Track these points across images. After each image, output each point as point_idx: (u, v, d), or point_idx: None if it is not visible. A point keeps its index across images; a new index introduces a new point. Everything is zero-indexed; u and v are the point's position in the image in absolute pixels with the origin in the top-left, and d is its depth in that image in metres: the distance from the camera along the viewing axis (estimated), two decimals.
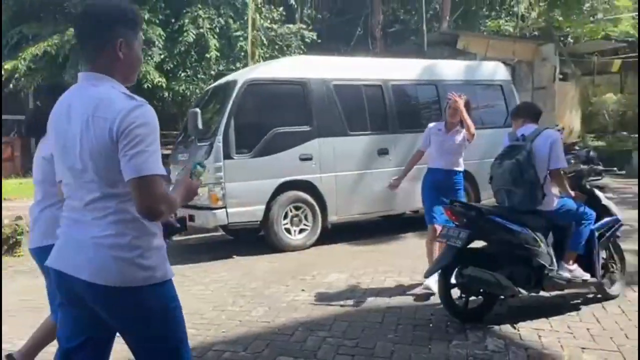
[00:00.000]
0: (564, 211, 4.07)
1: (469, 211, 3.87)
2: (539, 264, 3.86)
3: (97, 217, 1.81)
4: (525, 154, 3.91)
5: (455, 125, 4.96)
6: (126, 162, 1.72)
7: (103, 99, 1.77)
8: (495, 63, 9.11)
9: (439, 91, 8.03)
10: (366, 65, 7.92)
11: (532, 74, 20.19)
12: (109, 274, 1.78)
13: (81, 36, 1.90)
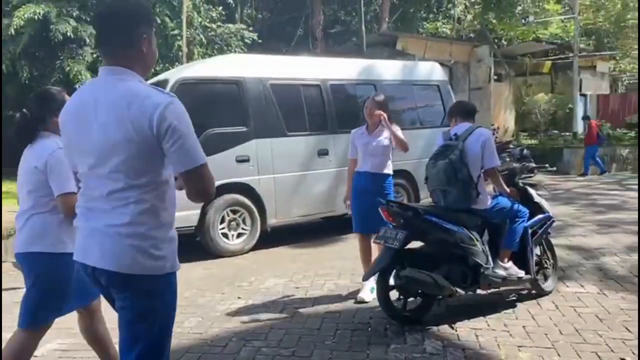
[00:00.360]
0: (498, 209, 4.09)
1: (405, 212, 3.80)
2: (475, 262, 3.85)
3: (117, 206, 1.86)
4: (457, 154, 3.89)
5: (376, 126, 4.69)
6: (182, 155, 1.82)
7: (137, 94, 1.82)
8: (431, 63, 9.19)
9: (378, 91, 8.00)
10: (304, 64, 7.79)
11: (469, 74, 20.73)
12: (121, 261, 1.85)
13: (105, 32, 1.94)
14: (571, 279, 4.99)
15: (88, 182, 1.94)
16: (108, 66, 1.93)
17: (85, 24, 16.14)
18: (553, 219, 4.48)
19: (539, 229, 4.29)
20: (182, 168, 1.85)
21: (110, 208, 1.87)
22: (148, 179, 1.87)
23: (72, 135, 1.97)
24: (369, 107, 4.68)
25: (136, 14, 1.94)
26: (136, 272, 1.86)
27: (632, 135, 17.97)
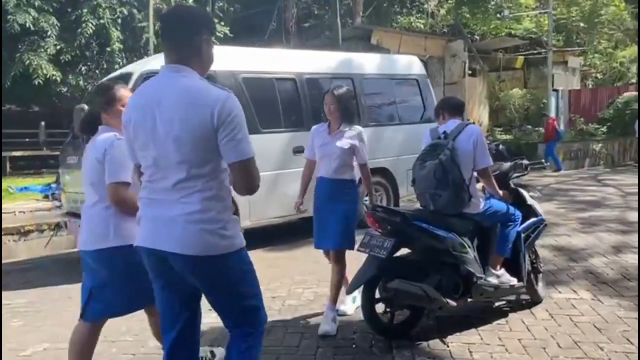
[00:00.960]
0: (491, 213, 3.79)
1: (393, 217, 3.47)
2: (468, 271, 3.55)
3: (184, 195, 2.01)
4: (448, 153, 3.57)
5: (337, 126, 4.02)
6: (234, 146, 1.98)
7: (200, 89, 2.00)
8: (410, 57, 8.92)
9: (356, 85, 7.68)
10: (279, 57, 7.39)
11: (443, 69, 20.58)
12: (197, 245, 2.01)
13: (170, 32, 2.11)
14: (562, 283, 4.75)
15: (153, 174, 2.08)
16: (170, 64, 2.09)
17: (48, 14, 15.45)
18: (545, 222, 4.21)
19: (531, 233, 4.02)
20: (234, 158, 2.00)
21: (177, 198, 2.02)
22: (210, 168, 2.03)
23: (137, 129, 2.08)
24: (329, 103, 4.01)
25: (199, 20, 2.13)
26: (211, 253, 2.03)
27: (604, 130, 18.09)
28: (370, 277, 3.44)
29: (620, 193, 10.23)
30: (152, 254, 2.10)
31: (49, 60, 15.13)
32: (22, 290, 5.40)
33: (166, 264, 2.08)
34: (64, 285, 5.51)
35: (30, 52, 15.00)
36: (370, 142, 7.70)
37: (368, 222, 3.57)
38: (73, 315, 4.42)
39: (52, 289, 5.37)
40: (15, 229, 7.72)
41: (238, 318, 2.19)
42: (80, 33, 15.85)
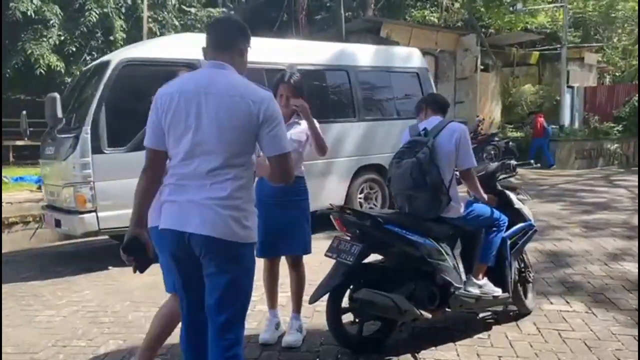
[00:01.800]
0: (473, 217, 3.46)
1: (362, 220, 3.15)
2: (445, 280, 3.23)
3: (215, 182, 2.14)
4: (427, 152, 3.26)
5: (290, 116, 3.58)
6: (276, 141, 2.17)
7: (248, 87, 2.20)
8: (410, 49, 8.57)
9: (351, 77, 7.39)
10: (269, 47, 7.06)
11: (455, 64, 20.10)
12: (220, 228, 2.13)
13: (221, 35, 2.33)
14: (555, 293, 4.40)
15: (185, 159, 2.18)
16: (214, 61, 2.27)
17: (51, 3, 15.27)
18: (535, 227, 3.86)
19: (519, 240, 3.68)
20: (275, 152, 2.20)
21: (208, 184, 2.15)
22: (243, 159, 2.20)
23: (177, 114, 2.19)
24: (284, 93, 3.52)
25: (243, 31, 2.36)
26: (232, 239, 2.15)
27: (620, 129, 17.51)
28: (336, 285, 3.12)
29: (631, 195, 9.78)
30: (176, 237, 2.18)
31: (52, 50, 14.94)
32: None
33: (187, 249, 2.18)
34: (34, 281, 5.30)
35: (32, 41, 14.82)
36: (365, 138, 7.60)
37: (336, 225, 3.26)
38: (30, 316, 4.23)
39: (20, 285, 5.14)
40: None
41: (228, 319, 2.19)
42: (83, 22, 15.65)
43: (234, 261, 2.19)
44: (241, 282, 2.22)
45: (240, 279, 2.21)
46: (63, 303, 4.57)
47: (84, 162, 5.37)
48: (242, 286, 2.23)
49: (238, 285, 2.20)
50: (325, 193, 7.05)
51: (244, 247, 2.20)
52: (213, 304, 2.19)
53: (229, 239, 2.14)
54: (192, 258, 2.20)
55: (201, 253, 2.17)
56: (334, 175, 7.13)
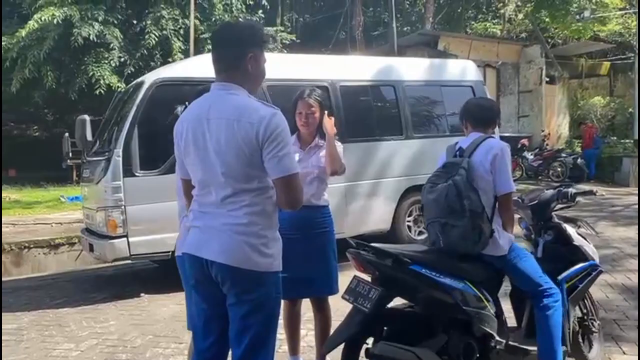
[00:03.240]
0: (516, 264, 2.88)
1: (382, 259, 2.69)
2: (484, 332, 2.73)
3: (232, 209, 2.08)
4: (463, 173, 2.75)
5: (312, 139, 3.30)
6: (276, 163, 2.03)
7: (247, 106, 2.07)
8: (465, 61, 8.05)
9: (398, 93, 6.95)
10: (310, 63, 6.78)
11: (518, 76, 19.23)
12: (237, 256, 2.05)
13: (219, 51, 2.18)
14: (630, 340, 3.75)
15: (202, 189, 2.14)
16: (220, 82, 2.16)
17: (113, 26, 15.74)
18: (600, 268, 3.26)
19: (579, 283, 3.10)
20: (278, 174, 2.04)
21: (226, 211, 2.08)
22: (257, 184, 2.07)
23: (187, 144, 2.15)
24: (305, 111, 3.26)
25: (246, 38, 2.13)
26: (249, 267, 2.05)
27: None
28: (352, 335, 2.69)
29: None
30: (196, 262, 2.13)
31: (112, 72, 15.36)
32: (19, 312, 5.07)
33: (206, 274, 2.11)
34: (64, 308, 5.15)
35: (94, 63, 15.30)
36: (414, 156, 7.11)
37: (353, 265, 2.82)
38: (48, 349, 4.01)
39: (48, 313, 5.00)
40: (45, 241, 7.58)
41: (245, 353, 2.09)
42: (143, 45, 16.03)
43: (253, 291, 2.08)
44: (262, 314, 2.09)
45: (261, 311, 2.09)
46: (85, 335, 4.36)
47: (116, 186, 5.20)
48: (264, 319, 2.10)
49: (258, 317, 2.08)
50: (371, 216, 6.63)
51: (264, 276, 2.09)
52: (233, 336, 2.12)
53: (246, 267, 2.05)
54: (213, 284, 2.12)
55: (221, 281, 2.10)
56: (380, 197, 6.68)
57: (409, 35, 19.68)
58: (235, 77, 2.12)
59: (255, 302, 2.08)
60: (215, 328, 2.18)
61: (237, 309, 2.10)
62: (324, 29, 26.01)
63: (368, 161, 6.66)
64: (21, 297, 5.61)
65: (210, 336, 2.19)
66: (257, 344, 2.10)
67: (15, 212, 9.89)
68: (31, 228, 8.32)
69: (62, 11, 14.51)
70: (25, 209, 10.23)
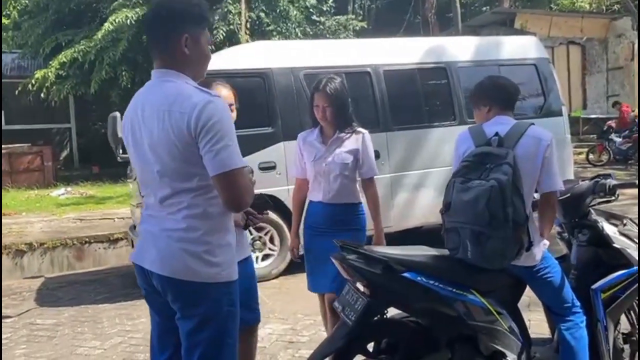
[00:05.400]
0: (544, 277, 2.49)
1: (370, 266, 2.32)
2: (495, 350, 2.33)
3: (171, 212, 1.86)
4: (508, 171, 2.26)
5: (334, 130, 3.09)
6: (212, 158, 1.77)
7: (179, 94, 1.82)
8: (528, 37, 7.36)
9: (450, 75, 6.45)
10: (350, 48, 6.43)
11: (606, 52, 17.78)
12: (175, 266, 1.84)
13: (150, 34, 1.98)
14: None
15: (146, 188, 1.96)
16: (156, 68, 1.94)
17: None
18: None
19: (619, 293, 2.60)
20: (214, 171, 1.80)
21: (165, 215, 1.88)
22: (197, 182, 1.84)
23: (128, 143, 1.97)
24: (321, 104, 3.06)
25: (179, 17, 1.89)
26: (190, 279, 1.84)
27: None
28: (334, 351, 2.36)
29: None
30: (140, 271, 1.95)
31: None
32: (62, 307, 5.20)
33: (151, 284, 1.93)
34: (104, 304, 5.21)
35: None
36: None
37: (341, 272, 2.51)
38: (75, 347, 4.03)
39: (87, 309, 5.08)
40: (105, 236, 7.79)
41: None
42: (212, 41, 16.30)
43: (198, 305, 1.86)
44: (211, 331, 1.86)
45: (208, 327, 1.86)
46: (113, 332, 4.36)
47: None
48: (213, 336, 1.86)
49: (205, 334, 1.85)
50: (419, 209, 6.21)
51: (210, 288, 1.86)
52: (183, 354, 1.91)
53: (186, 278, 1.83)
54: (160, 296, 1.93)
55: (163, 293, 1.91)
56: (430, 188, 6.24)
57: (483, 14, 18.68)
58: (172, 62, 1.89)
59: (201, 317, 1.86)
60: (171, 342, 1.98)
61: (183, 324, 1.90)
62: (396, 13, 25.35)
63: (416, 150, 6.24)
64: (70, 292, 5.76)
65: (165, 351, 2.00)
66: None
67: (88, 207, 10.31)
68: (95, 223, 8.60)
69: (135, 12, 15.02)
70: (98, 204, 10.64)
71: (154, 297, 1.97)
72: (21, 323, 4.77)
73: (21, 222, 8.74)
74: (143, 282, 1.98)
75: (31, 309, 5.17)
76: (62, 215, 9.26)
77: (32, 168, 14.60)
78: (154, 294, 1.96)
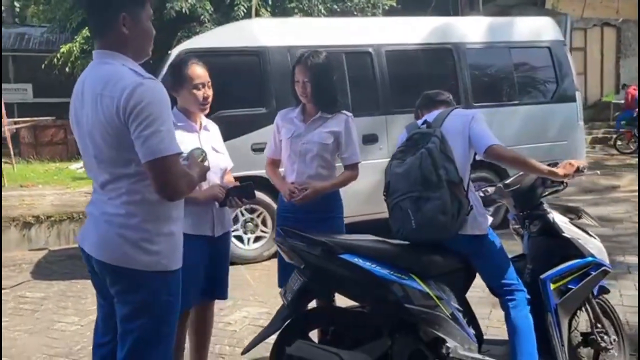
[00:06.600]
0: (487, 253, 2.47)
1: (310, 248, 2.25)
2: (434, 335, 2.24)
3: (111, 197, 1.84)
4: (436, 142, 2.36)
5: (317, 109, 2.95)
6: (141, 144, 1.72)
7: (111, 77, 1.77)
8: (542, 18, 7.02)
9: (457, 56, 6.22)
10: (350, 27, 6.25)
11: None
12: (114, 252, 1.83)
13: (87, 16, 1.93)
14: None
15: (89, 173, 1.93)
16: (97, 49, 1.88)
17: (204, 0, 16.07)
18: (605, 266, 2.59)
19: (572, 284, 2.50)
20: (145, 157, 1.74)
21: (107, 199, 1.85)
22: (135, 168, 1.79)
23: (74, 124, 1.93)
24: (298, 76, 2.93)
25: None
26: (127, 266, 1.82)
27: None
28: (274, 332, 2.30)
29: None
30: (83, 253, 1.95)
31: None
32: (54, 281, 5.27)
33: (92, 267, 1.94)
34: None
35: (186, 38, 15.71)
36: None
37: (282, 254, 2.44)
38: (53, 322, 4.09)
39: (77, 283, 5.13)
40: None
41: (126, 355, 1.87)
42: (233, 16, 16.20)
43: (135, 292, 1.85)
44: (146, 319, 1.84)
45: (144, 315, 1.84)
46: (94, 308, 4.31)
47: None
48: (148, 324, 1.85)
49: (140, 321, 1.84)
50: None
51: (147, 276, 1.84)
52: (118, 337, 1.91)
53: (122, 265, 1.82)
54: (101, 279, 1.94)
55: (101, 277, 1.92)
56: None
57: None
58: (111, 43, 1.84)
59: (137, 304, 1.85)
60: (113, 326, 1.97)
61: (119, 309, 1.89)
62: None
63: None
64: (66, 266, 5.83)
65: (107, 334, 2.02)
66: (137, 352, 1.87)
67: None
68: None
69: None
70: None
71: (96, 279, 1.98)
72: (12, 295, 4.86)
73: (35, 195, 8.91)
74: (87, 264, 1.98)
75: (24, 282, 5.27)
76: (76, 188, 9.39)
77: (55, 141, 14.83)
78: (96, 277, 1.97)
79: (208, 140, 2.79)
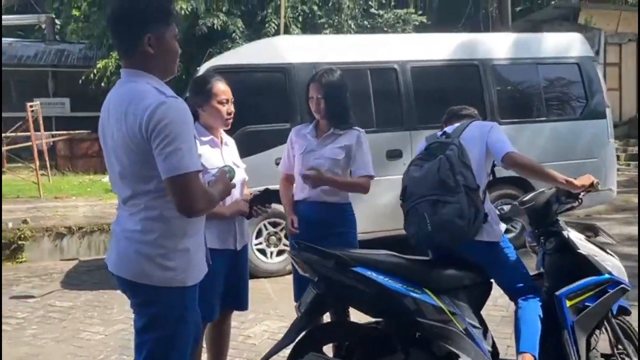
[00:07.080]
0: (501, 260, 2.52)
1: (323, 260, 2.28)
2: (449, 352, 2.23)
3: (132, 212, 1.88)
4: (454, 149, 2.46)
5: (330, 126, 3.03)
6: (162, 161, 1.76)
7: (135, 95, 1.81)
8: (570, 34, 6.94)
9: (484, 73, 6.20)
10: (375, 43, 6.29)
11: None
12: (132, 268, 1.87)
13: (113, 34, 1.95)
14: None
15: (113, 187, 2.00)
16: (123, 67, 1.93)
17: (235, 17, 16.40)
18: (624, 284, 2.54)
19: (589, 302, 2.47)
20: (165, 174, 1.78)
21: (127, 215, 1.90)
22: (155, 185, 1.83)
23: (102, 140, 1.98)
24: (312, 92, 3.02)
25: (139, 16, 1.85)
26: (144, 282, 1.86)
27: None
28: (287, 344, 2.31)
29: None
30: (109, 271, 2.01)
31: None
32: (83, 291, 5.41)
33: None
34: None
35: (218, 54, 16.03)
36: None
37: (297, 268, 2.47)
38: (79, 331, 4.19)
39: (104, 293, 5.25)
40: None
41: None
42: (264, 33, 16.47)
43: (151, 305, 1.90)
44: (158, 333, 1.88)
45: (156, 329, 1.88)
46: (119, 319, 4.51)
47: None
48: (160, 339, 1.89)
49: (153, 335, 1.89)
50: None
51: (162, 292, 1.87)
52: (134, 349, 1.98)
53: (139, 280, 1.87)
54: None
55: (122, 291, 2.01)
56: None
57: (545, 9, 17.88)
58: (138, 63, 1.88)
59: (151, 317, 1.90)
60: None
61: (136, 320, 1.96)
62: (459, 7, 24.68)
63: None
64: (95, 276, 5.96)
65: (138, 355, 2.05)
66: None
67: None
68: None
69: (189, 3, 15.43)
70: None
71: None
72: (42, 304, 5.01)
73: (68, 206, 9.16)
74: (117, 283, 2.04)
75: (54, 291, 5.41)
76: (107, 201, 9.60)
77: (90, 154, 15.19)
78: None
79: (229, 155, 2.86)
